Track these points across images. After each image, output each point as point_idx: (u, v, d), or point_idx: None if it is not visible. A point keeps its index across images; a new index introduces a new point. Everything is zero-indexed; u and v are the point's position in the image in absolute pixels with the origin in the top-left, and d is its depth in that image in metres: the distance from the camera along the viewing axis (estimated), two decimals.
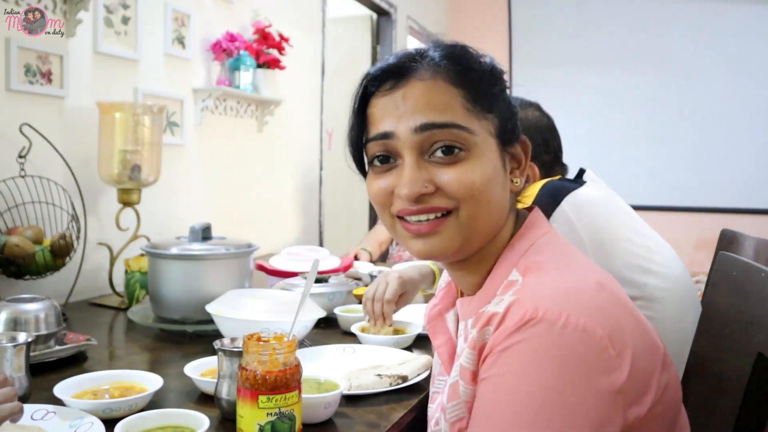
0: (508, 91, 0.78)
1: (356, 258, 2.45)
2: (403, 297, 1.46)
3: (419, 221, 0.73)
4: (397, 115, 0.72)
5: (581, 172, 1.57)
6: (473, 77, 0.74)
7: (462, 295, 0.83)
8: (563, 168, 1.62)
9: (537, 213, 0.81)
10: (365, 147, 0.77)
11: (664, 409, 0.68)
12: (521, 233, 0.77)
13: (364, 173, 0.81)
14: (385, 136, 0.73)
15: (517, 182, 0.78)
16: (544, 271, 0.70)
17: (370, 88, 0.76)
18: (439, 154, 0.71)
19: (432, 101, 0.71)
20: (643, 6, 4.84)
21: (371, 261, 2.56)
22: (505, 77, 0.78)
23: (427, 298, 1.82)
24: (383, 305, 1.41)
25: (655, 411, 0.66)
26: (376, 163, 0.75)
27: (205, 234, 1.51)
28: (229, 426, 0.95)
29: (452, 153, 0.71)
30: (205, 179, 2.47)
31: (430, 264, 1.58)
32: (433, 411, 0.86)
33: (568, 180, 1.53)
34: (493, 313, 0.68)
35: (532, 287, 0.68)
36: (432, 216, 0.72)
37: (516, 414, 0.61)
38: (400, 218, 0.74)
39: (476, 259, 0.77)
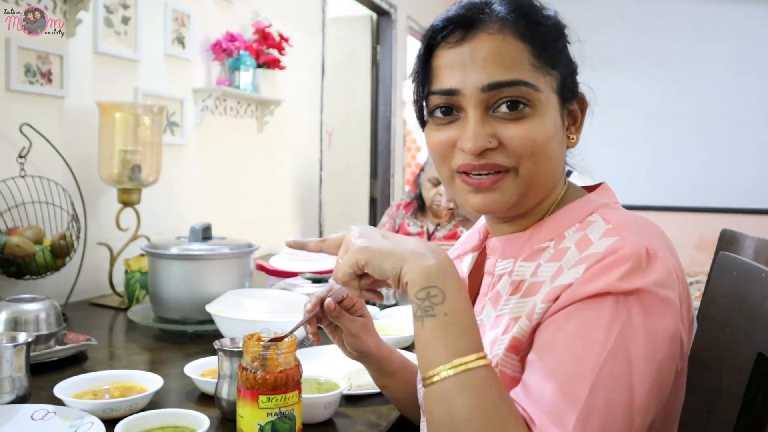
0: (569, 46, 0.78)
1: None
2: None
3: (480, 175, 0.72)
4: (464, 72, 0.71)
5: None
6: (540, 32, 0.72)
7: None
8: None
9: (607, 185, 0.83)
10: (427, 98, 0.76)
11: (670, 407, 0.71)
12: (579, 194, 0.79)
13: (423, 123, 0.80)
14: (451, 92, 0.72)
15: (572, 138, 0.79)
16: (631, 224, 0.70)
17: (437, 39, 0.74)
18: (503, 109, 0.70)
19: (499, 58, 0.70)
20: (643, 6, 4.84)
21: None
22: (567, 32, 0.77)
23: None
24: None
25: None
26: (438, 114, 0.74)
27: (205, 234, 1.51)
28: (229, 426, 0.96)
29: (517, 109, 0.70)
30: (205, 179, 2.47)
31: None
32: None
33: None
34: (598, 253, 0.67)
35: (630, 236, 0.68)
36: (493, 171, 0.72)
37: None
38: (460, 172, 0.74)
39: (527, 214, 0.78)
